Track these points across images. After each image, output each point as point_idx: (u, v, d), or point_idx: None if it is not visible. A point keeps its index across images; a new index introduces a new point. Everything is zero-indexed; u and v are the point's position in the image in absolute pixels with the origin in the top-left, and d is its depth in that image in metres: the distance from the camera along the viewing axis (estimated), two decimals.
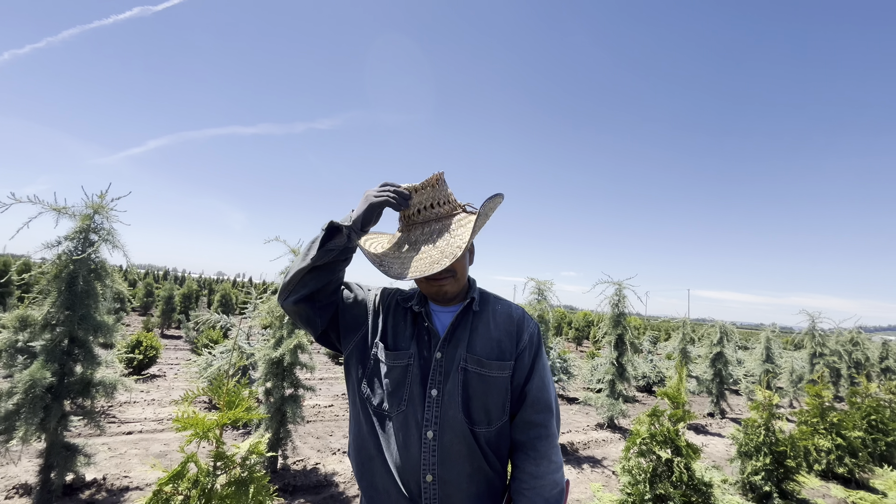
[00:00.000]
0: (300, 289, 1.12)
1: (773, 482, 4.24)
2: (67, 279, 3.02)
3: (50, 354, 2.92)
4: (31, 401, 2.79)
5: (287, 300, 1.13)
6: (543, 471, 1.10)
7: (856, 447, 5.05)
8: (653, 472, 3.40)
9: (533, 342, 1.21)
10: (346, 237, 1.09)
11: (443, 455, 1.07)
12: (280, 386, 3.90)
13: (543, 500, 1.08)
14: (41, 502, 2.93)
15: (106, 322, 3.12)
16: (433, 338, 1.16)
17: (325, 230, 1.09)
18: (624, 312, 6.37)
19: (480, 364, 1.13)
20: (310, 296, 1.13)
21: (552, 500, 1.08)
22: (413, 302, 1.22)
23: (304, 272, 1.09)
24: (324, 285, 1.14)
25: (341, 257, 1.12)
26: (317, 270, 1.11)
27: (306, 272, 1.10)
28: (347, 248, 1.11)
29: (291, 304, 1.13)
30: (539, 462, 1.10)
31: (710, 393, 8.13)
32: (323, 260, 1.08)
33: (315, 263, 1.08)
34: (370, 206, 1.09)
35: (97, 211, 3.15)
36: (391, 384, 1.12)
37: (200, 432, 1.59)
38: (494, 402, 1.13)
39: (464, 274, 1.19)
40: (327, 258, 1.09)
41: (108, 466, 3.65)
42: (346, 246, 1.10)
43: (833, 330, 11.44)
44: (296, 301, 1.12)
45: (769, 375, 9.02)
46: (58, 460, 3.01)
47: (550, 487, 1.09)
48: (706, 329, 8.72)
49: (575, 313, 26.82)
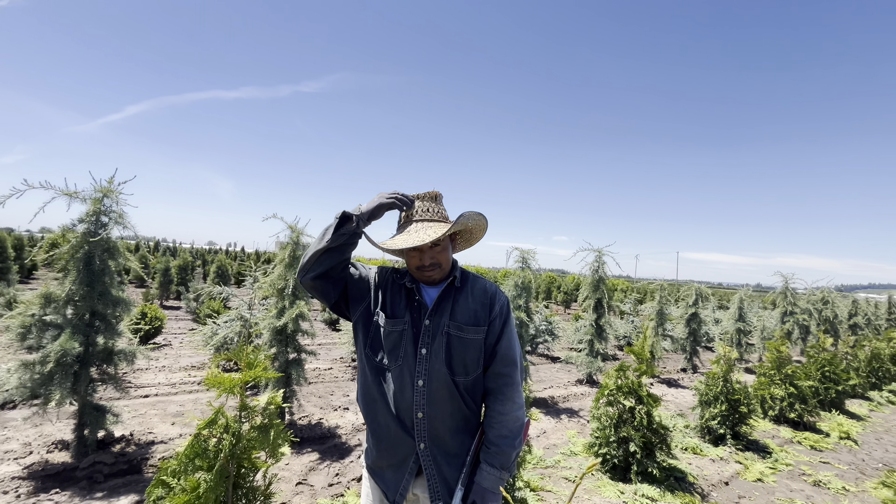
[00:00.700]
0: (317, 267, 1.41)
1: (727, 426, 4.79)
2: (84, 258, 3.28)
3: (75, 327, 3.23)
4: (62, 368, 3.13)
5: (306, 277, 1.43)
6: (508, 409, 1.43)
7: (806, 395, 5.61)
8: (618, 418, 3.88)
9: (503, 312, 1.52)
10: (356, 224, 1.38)
11: (430, 398, 1.40)
12: (284, 351, 4.27)
13: (507, 430, 1.41)
14: (79, 454, 3.33)
15: (123, 297, 3.42)
16: (423, 308, 1.47)
17: (339, 218, 1.37)
18: (603, 278, 6.78)
19: (460, 329, 1.45)
20: (324, 273, 1.42)
21: (515, 431, 1.42)
22: (406, 279, 1.52)
23: (320, 253, 1.38)
24: (336, 264, 1.43)
25: (350, 241, 1.41)
26: (330, 252, 1.39)
27: (322, 253, 1.38)
28: (355, 234, 1.40)
29: (310, 280, 1.43)
30: (505, 403, 1.44)
31: (685, 350, 8.74)
32: (336, 242, 1.37)
33: (330, 246, 1.36)
34: (380, 204, 1.40)
35: (106, 194, 3.37)
36: (390, 344, 1.44)
37: (227, 389, 1.93)
38: (471, 357, 1.45)
39: (447, 264, 1.50)
40: (340, 241, 1.37)
41: (132, 424, 4.06)
42: (355, 231, 1.39)
43: (806, 290, 12.07)
44: (313, 278, 1.42)
45: (740, 334, 9.65)
46: (89, 419, 3.39)
47: (513, 421, 1.43)
48: (684, 290, 9.22)
49: (565, 277, 27.48)
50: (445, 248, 1.48)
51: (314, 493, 3.19)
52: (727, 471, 4.12)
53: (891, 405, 7.35)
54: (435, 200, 1.51)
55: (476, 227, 1.56)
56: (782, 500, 3.65)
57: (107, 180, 3.38)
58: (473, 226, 1.54)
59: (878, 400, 7.44)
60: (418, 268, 1.46)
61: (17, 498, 2.82)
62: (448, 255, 1.50)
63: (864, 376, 7.96)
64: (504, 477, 1.37)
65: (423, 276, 1.48)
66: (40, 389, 3.07)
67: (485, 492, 1.33)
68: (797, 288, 10.89)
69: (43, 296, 3.23)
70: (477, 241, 1.65)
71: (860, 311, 13.75)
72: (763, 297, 22.15)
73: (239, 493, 1.94)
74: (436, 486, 1.38)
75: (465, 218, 1.44)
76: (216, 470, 1.76)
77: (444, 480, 1.38)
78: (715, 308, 16.89)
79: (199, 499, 1.72)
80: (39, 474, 3.09)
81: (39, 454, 3.37)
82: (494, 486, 1.34)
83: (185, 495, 1.69)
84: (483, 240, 1.69)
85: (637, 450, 3.68)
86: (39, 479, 3.04)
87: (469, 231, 1.59)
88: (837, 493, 3.84)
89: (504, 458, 1.37)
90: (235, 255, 39.08)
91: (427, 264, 1.45)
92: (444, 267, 1.49)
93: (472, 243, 1.65)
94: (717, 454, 4.47)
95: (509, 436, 1.39)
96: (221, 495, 1.80)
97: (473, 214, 1.47)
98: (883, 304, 17.30)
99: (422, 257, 1.45)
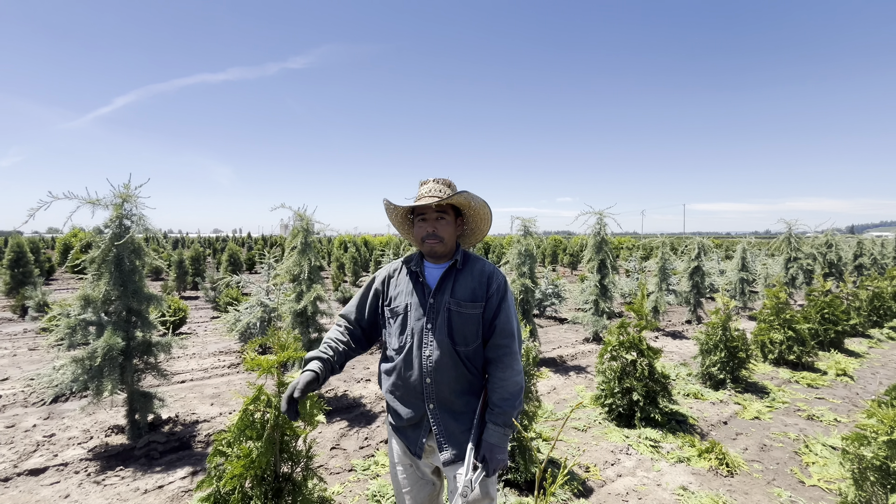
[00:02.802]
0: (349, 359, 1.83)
1: (727, 371, 5.07)
2: (115, 261, 3.53)
3: (116, 324, 3.53)
4: (110, 361, 3.44)
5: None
6: (508, 375, 1.65)
7: (805, 337, 5.86)
8: (621, 371, 4.16)
9: (500, 290, 1.72)
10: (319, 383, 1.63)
11: (436, 366, 1.63)
12: (306, 332, 4.57)
13: (508, 393, 1.63)
14: (134, 436, 3.70)
15: (155, 294, 3.69)
16: (426, 288, 1.70)
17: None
18: (605, 239, 6.95)
19: (460, 305, 1.66)
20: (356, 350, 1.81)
21: (515, 394, 1.64)
22: (412, 263, 1.75)
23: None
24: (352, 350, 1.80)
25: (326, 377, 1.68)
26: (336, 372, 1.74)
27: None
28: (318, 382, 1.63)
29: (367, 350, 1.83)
30: (505, 370, 1.66)
31: (689, 303, 8.98)
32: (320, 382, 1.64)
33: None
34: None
35: (126, 200, 3.57)
36: (400, 323, 1.69)
37: (266, 370, 2.19)
38: (470, 330, 1.67)
39: (450, 239, 1.70)
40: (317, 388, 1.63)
41: (175, 407, 4.44)
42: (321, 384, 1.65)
43: (810, 234, 12.13)
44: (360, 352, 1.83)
45: (744, 283, 9.84)
46: (139, 405, 3.74)
47: (513, 385, 1.65)
48: (688, 244, 9.36)
49: (570, 239, 27.60)
50: (450, 223, 1.68)
51: (347, 455, 3.54)
52: (726, 412, 4.43)
53: (890, 341, 7.60)
54: (447, 185, 1.72)
55: (480, 212, 1.75)
56: (776, 433, 3.96)
57: (124, 185, 3.58)
58: (477, 207, 1.73)
59: (878, 337, 7.69)
60: (423, 238, 1.68)
61: (87, 476, 3.20)
62: (451, 230, 1.70)
63: (865, 315, 8.18)
64: (507, 433, 1.60)
65: (428, 248, 1.69)
66: (92, 382, 3.40)
67: (492, 447, 1.57)
68: (806, 232, 10.93)
69: (82, 298, 3.51)
70: (483, 235, 1.85)
71: (865, 252, 13.83)
72: (769, 244, 22.18)
73: (284, 457, 2.24)
74: (442, 440, 1.63)
75: (469, 194, 1.64)
76: (265, 438, 2.04)
77: (450, 435, 1.63)
78: (721, 259, 17.02)
79: (253, 463, 2.01)
80: (103, 455, 3.47)
81: (99, 438, 3.75)
82: (500, 442, 1.58)
83: (241, 461, 1.98)
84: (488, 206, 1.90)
85: (640, 398, 3.98)
86: (104, 459, 3.41)
87: (476, 220, 1.80)
88: (829, 425, 4.14)
89: (506, 418, 1.60)
90: (243, 242, 39.60)
91: (430, 231, 1.66)
92: (447, 242, 1.68)
93: (478, 236, 1.85)
94: (718, 397, 4.78)
95: (510, 398, 1.61)
96: (271, 459, 2.10)
97: (476, 196, 1.66)
98: (890, 242, 17.28)
99: (426, 226, 1.67)
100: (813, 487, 3.14)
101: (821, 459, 3.49)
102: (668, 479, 3.19)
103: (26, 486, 3.08)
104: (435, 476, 1.80)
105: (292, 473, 2.13)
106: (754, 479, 3.23)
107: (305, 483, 2.10)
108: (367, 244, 24.87)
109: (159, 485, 3.08)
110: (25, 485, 3.10)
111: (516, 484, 3.01)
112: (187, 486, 3.06)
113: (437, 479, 1.82)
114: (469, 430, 1.63)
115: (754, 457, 3.55)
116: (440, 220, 1.66)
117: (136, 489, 3.03)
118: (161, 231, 3.95)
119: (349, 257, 17.02)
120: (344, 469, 3.33)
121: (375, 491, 2.99)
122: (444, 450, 1.62)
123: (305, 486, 2.10)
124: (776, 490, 3.07)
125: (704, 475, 3.25)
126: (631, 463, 3.43)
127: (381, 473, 3.24)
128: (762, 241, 24.54)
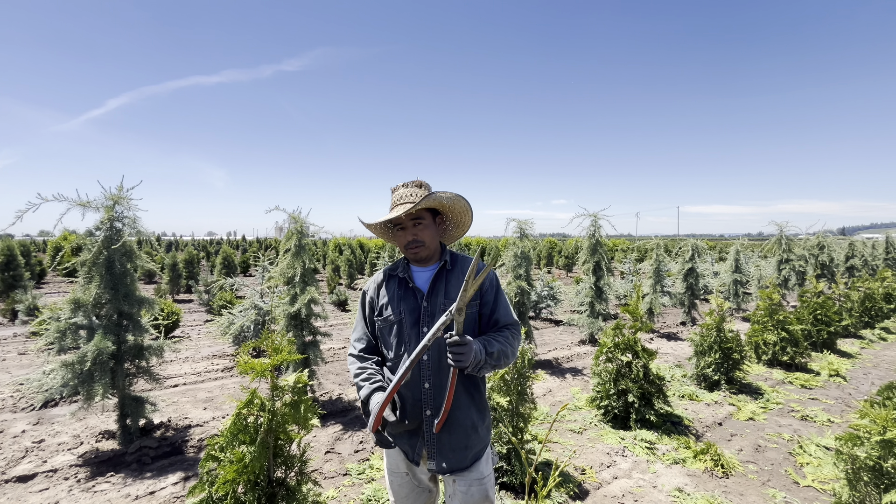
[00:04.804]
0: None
1: (721, 372, 5.09)
2: (105, 264, 3.49)
3: (106, 328, 3.48)
4: (100, 365, 3.40)
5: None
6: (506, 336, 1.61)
7: (798, 338, 5.90)
8: (617, 373, 4.16)
9: (493, 284, 1.72)
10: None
11: (434, 369, 1.62)
12: (300, 335, 4.54)
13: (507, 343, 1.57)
14: (125, 441, 3.65)
15: (147, 297, 3.65)
16: (418, 293, 1.67)
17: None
18: (600, 241, 6.97)
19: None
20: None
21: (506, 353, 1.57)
22: (399, 270, 1.73)
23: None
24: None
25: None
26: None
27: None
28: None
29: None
30: (504, 334, 1.62)
31: (683, 304, 9.03)
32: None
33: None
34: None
35: (117, 202, 3.53)
36: (395, 331, 1.66)
37: (259, 373, 2.17)
38: (467, 330, 1.66)
39: (432, 241, 1.68)
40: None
41: (168, 412, 4.38)
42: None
43: (801, 236, 12.24)
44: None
45: (737, 285, 9.91)
46: (130, 409, 3.69)
47: (508, 346, 1.59)
48: (682, 246, 9.41)
49: (565, 242, 27.68)
50: (427, 226, 1.65)
51: (342, 459, 3.51)
52: (721, 413, 4.44)
53: (882, 341, 7.67)
54: (419, 187, 1.67)
55: (456, 205, 1.68)
56: (771, 434, 3.97)
57: (116, 188, 3.54)
58: (450, 204, 1.67)
59: (869, 337, 7.76)
60: (405, 246, 1.66)
61: (77, 482, 3.14)
62: (431, 233, 1.67)
63: (856, 316, 8.25)
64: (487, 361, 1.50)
65: (412, 255, 1.67)
66: (83, 386, 3.35)
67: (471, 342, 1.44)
68: (798, 234, 11.03)
69: (72, 301, 3.46)
70: (467, 227, 1.82)
71: (857, 254, 13.96)
72: (761, 245, 22.38)
73: (278, 461, 2.21)
74: (433, 450, 1.61)
75: (437, 195, 1.59)
76: (258, 443, 2.02)
77: (441, 446, 1.60)
78: (715, 261, 17.14)
79: (246, 468, 1.98)
80: (93, 461, 3.42)
81: (90, 444, 3.70)
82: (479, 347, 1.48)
83: (234, 465, 1.95)
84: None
85: (635, 400, 3.98)
86: (94, 465, 3.36)
87: (455, 215, 1.74)
88: (823, 426, 4.16)
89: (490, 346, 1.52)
90: (237, 245, 39.36)
91: (410, 240, 1.64)
92: (429, 244, 1.66)
93: (462, 229, 1.83)
94: (712, 399, 4.79)
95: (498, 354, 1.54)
96: (264, 464, 2.07)
97: (448, 193, 1.61)
98: (881, 244, 17.48)
99: (405, 235, 1.64)
100: (807, 488, 3.15)
101: (815, 460, 3.51)
102: (663, 481, 3.19)
103: (14, 494, 3.02)
104: (432, 483, 1.78)
105: (286, 478, 2.10)
106: (749, 480, 3.24)
107: (300, 488, 2.07)
108: (362, 247, 24.81)
109: (151, 491, 3.04)
110: (13, 492, 3.04)
111: (512, 487, 3.00)
112: (179, 492, 3.02)
113: (433, 486, 1.80)
114: (465, 447, 1.62)
115: (749, 458, 3.56)
116: (418, 226, 1.64)
117: (126, 495, 2.98)
118: (154, 234, 3.91)
119: (344, 260, 16.96)
120: (339, 473, 3.30)
121: (370, 495, 2.97)
122: (434, 458, 1.61)
123: (300, 491, 2.07)
124: (771, 491, 3.08)
125: (700, 476, 3.26)
126: (627, 465, 3.43)
127: (376, 477, 3.21)
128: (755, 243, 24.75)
